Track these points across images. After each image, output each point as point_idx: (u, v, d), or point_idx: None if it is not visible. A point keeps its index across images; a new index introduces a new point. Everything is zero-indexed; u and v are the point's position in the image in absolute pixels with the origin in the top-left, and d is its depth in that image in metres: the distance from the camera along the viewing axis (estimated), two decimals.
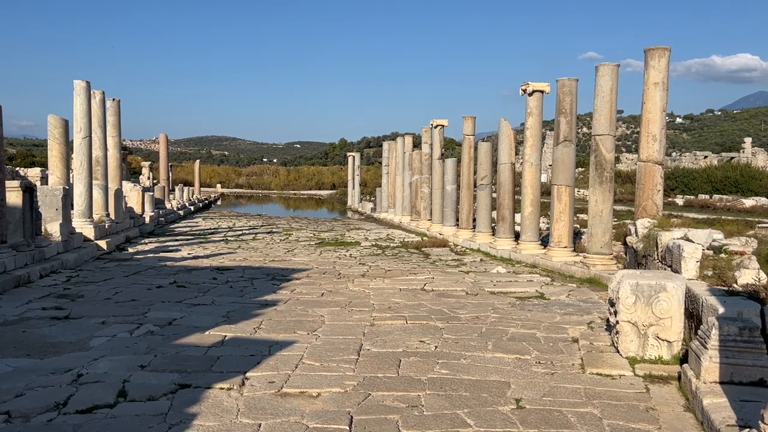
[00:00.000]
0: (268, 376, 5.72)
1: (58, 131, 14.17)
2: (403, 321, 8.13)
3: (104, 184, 18.06)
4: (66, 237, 13.60)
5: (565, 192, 14.57)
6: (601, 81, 12.96)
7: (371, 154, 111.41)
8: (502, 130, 17.68)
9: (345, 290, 10.63)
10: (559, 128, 14.62)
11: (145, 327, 7.67)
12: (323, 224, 28.33)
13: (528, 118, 16.26)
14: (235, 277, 12.12)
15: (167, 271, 12.84)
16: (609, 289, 6.41)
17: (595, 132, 13.07)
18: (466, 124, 20.85)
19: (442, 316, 8.43)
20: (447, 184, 22.34)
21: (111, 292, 10.11)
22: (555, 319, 8.29)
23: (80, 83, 15.86)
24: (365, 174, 61.78)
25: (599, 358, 6.19)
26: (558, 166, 14.62)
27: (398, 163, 30.06)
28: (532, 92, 16.15)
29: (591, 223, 13.10)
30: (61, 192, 13.38)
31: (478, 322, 8.07)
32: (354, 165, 44.10)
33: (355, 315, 8.51)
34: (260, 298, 9.90)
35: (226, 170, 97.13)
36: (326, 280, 11.72)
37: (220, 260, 14.80)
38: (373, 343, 6.96)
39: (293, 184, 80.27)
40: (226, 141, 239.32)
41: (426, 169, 25.39)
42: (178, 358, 6.32)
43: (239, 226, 26.15)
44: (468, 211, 20.72)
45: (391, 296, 10.02)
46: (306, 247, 18.10)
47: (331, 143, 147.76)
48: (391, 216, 30.60)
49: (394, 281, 11.65)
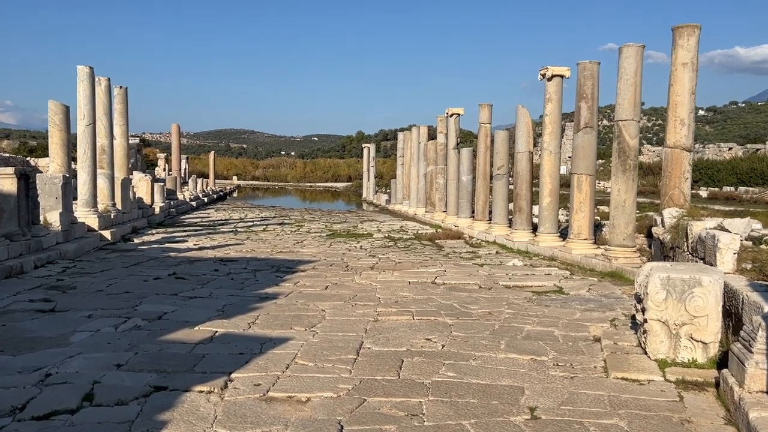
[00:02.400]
0: (255, 378, 5.16)
1: (58, 117, 13.73)
2: (410, 317, 7.53)
3: (110, 173, 17.65)
4: (66, 227, 13.17)
5: (586, 181, 13.84)
6: (624, 63, 12.21)
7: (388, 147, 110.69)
8: (519, 118, 16.96)
9: (351, 283, 10.06)
10: (579, 114, 13.88)
11: (132, 321, 7.16)
12: (336, 216, 27.80)
13: (547, 104, 15.52)
14: (238, 268, 11.60)
15: (169, 262, 12.36)
16: (636, 284, 5.76)
17: (618, 117, 12.33)
18: (483, 112, 20.13)
19: (452, 312, 7.82)
20: (462, 175, 21.66)
21: (105, 283, 9.63)
22: (575, 316, 7.64)
23: (83, 69, 15.41)
24: (381, 166, 61.18)
25: (624, 360, 5.54)
26: (578, 154, 13.89)
27: (413, 154, 29.40)
28: (551, 77, 15.41)
29: (613, 213, 12.38)
30: (60, 180, 12.94)
31: (491, 319, 7.45)
32: (369, 156, 43.50)
33: (358, 310, 7.93)
34: (261, 290, 9.36)
35: (243, 163, 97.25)
36: (332, 273, 11.15)
37: (226, 251, 14.31)
38: (374, 341, 6.37)
39: (309, 177, 79.99)
40: (244, 134, 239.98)
41: (441, 160, 24.71)
42: (160, 356, 5.78)
43: (251, 218, 25.71)
44: (484, 202, 20.03)
45: (399, 290, 9.42)
46: (316, 239, 17.56)
47: (349, 136, 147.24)
48: (406, 208, 29.98)
49: (403, 274, 11.05)
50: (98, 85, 17.49)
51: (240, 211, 29.63)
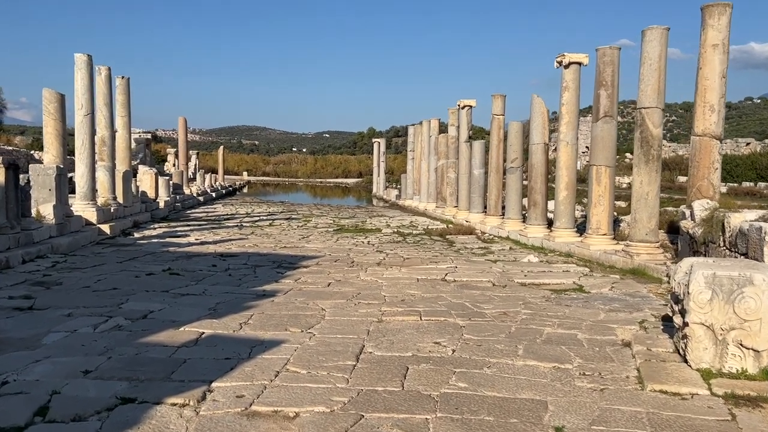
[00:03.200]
0: (238, 388, 4.52)
1: (53, 106, 13.17)
2: (417, 317, 6.86)
3: (110, 166, 17.11)
4: (60, 220, 12.62)
5: (605, 173, 13.11)
6: (648, 47, 11.45)
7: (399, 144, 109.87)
8: (534, 108, 16.22)
9: (355, 280, 9.41)
10: (598, 102, 13.14)
11: (114, 320, 6.55)
12: (345, 211, 27.18)
13: (564, 93, 14.78)
14: (237, 264, 10.99)
15: (166, 257, 11.78)
16: (673, 282, 5.06)
17: (640, 104, 11.59)
18: (496, 103, 19.40)
19: (463, 312, 7.14)
20: (474, 169, 20.95)
21: (94, 279, 9.04)
22: (599, 317, 6.94)
23: (81, 56, 14.86)
24: (392, 162, 60.45)
25: (662, 369, 4.85)
26: (597, 145, 13.16)
27: (423, 148, 28.70)
28: (568, 64, 14.66)
29: (635, 207, 11.65)
30: (54, 171, 12.39)
31: (507, 320, 6.76)
32: (379, 151, 42.83)
33: (361, 309, 7.27)
34: (258, 287, 8.73)
35: (254, 159, 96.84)
36: (336, 269, 10.51)
37: (227, 246, 13.71)
38: (377, 345, 5.71)
39: (320, 173, 79.43)
40: (256, 131, 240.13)
41: (452, 153, 24.00)
42: (136, 361, 5.15)
43: (258, 213, 25.17)
44: (496, 197, 19.32)
45: (406, 287, 8.75)
46: (322, 234, 16.94)
47: (360, 132, 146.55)
48: (416, 203, 29.29)
49: (411, 270, 10.39)
50: (98, 74, 16.95)
51: (247, 206, 29.10)
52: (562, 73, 14.84)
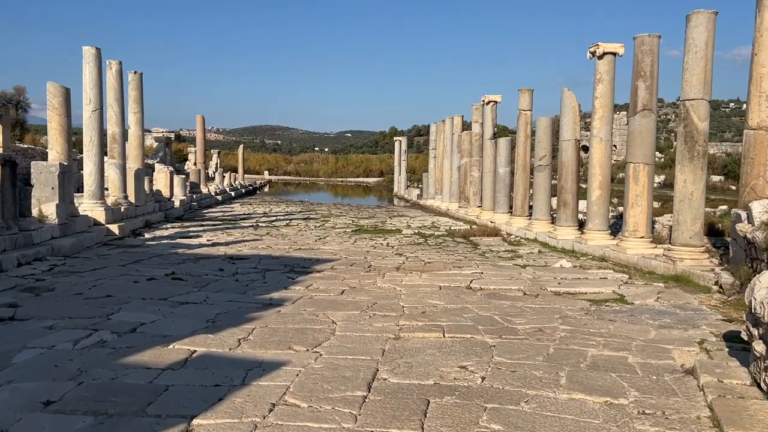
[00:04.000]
0: (223, 428, 3.73)
1: (57, 101, 12.56)
2: (440, 333, 6.03)
3: (121, 163, 16.52)
4: (64, 220, 12.00)
5: (644, 171, 12.14)
6: (693, 33, 10.48)
7: (421, 143, 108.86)
8: (564, 102, 15.27)
9: (371, 287, 8.59)
10: (636, 95, 12.18)
11: (98, 335, 5.81)
12: (365, 211, 26.40)
13: (597, 85, 13.81)
14: (246, 268, 10.25)
15: (173, 259, 11.09)
16: (753, 300, 4.16)
17: (684, 96, 10.62)
18: (523, 98, 18.46)
19: (492, 327, 6.29)
20: (500, 167, 20.01)
21: (89, 285, 8.35)
22: (649, 335, 6.04)
23: (89, 49, 14.25)
24: (414, 161, 59.55)
25: (741, 409, 3.95)
26: (635, 141, 12.19)
27: (446, 146, 27.80)
28: (602, 55, 13.69)
29: (678, 208, 10.68)
30: (56, 168, 11.77)
31: (543, 338, 5.90)
32: (400, 150, 41.98)
33: (376, 322, 6.46)
34: (265, 295, 7.97)
35: (276, 158, 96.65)
36: (352, 274, 9.71)
37: (239, 248, 13.00)
38: (392, 369, 4.90)
39: (341, 172, 78.83)
40: (279, 130, 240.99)
41: (476, 151, 23.08)
42: (110, 388, 4.40)
43: (275, 212, 24.50)
44: (523, 196, 18.37)
45: (427, 296, 7.92)
46: (340, 235, 16.17)
47: (381, 131, 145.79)
48: (438, 203, 28.41)
49: (433, 276, 9.55)
50: (109, 69, 16.37)
51: (266, 206, 28.47)
52: (595, 64, 13.88)
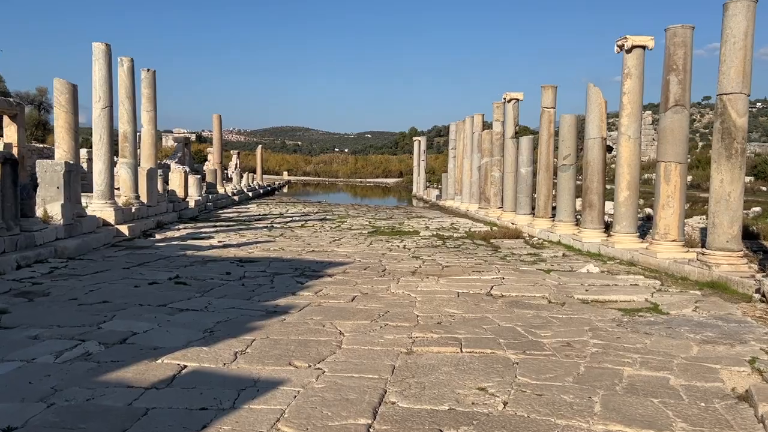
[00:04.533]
0: None
1: (64, 98, 12.21)
2: (457, 348, 5.46)
3: (133, 163, 16.17)
4: (69, 220, 11.62)
5: (675, 171, 11.46)
6: (731, 23, 9.78)
7: (441, 143, 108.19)
8: (590, 98, 14.60)
9: (385, 293, 8.05)
10: (668, 90, 11.49)
11: (84, 346, 5.35)
12: (382, 212, 25.87)
13: (625, 80, 13.12)
14: (255, 271, 9.77)
15: (180, 262, 10.65)
16: None
17: (721, 90, 9.91)
18: (546, 95, 17.78)
19: (515, 341, 5.71)
20: (521, 167, 19.34)
21: (87, 289, 7.91)
22: (691, 351, 5.42)
23: (99, 45, 13.91)
24: (433, 162, 58.91)
25: None
26: (666, 138, 11.50)
27: (466, 145, 27.15)
28: (631, 48, 13.00)
29: (714, 209, 9.98)
30: (62, 167, 11.40)
31: (572, 354, 5.30)
32: (419, 150, 41.38)
33: (387, 334, 5.91)
34: (271, 302, 7.46)
35: (296, 158, 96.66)
36: (365, 279, 9.17)
37: (250, 250, 12.55)
38: (402, 391, 4.35)
39: (360, 172, 78.49)
40: (300, 131, 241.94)
41: (497, 150, 22.43)
42: (83, 411, 3.91)
43: (291, 213, 24.08)
44: (546, 197, 17.70)
45: (444, 304, 7.35)
46: (355, 237, 15.65)
47: (401, 132, 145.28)
48: (458, 203, 27.78)
49: (451, 282, 8.98)
50: (120, 66, 16.04)
51: (282, 206, 28.08)
52: (623, 58, 13.19)
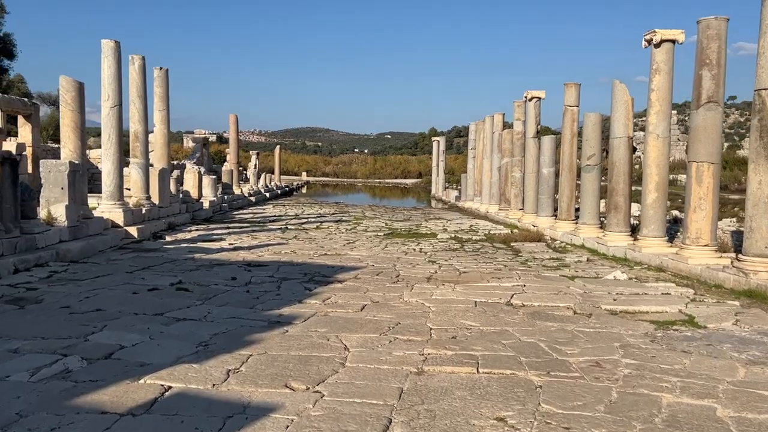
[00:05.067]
0: None
1: (70, 96, 11.87)
2: (472, 367, 4.92)
3: (144, 163, 15.84)
4: (74, 222, 11.28)
5: (708, 171, 10.79)
6: None
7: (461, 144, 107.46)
8: (616, 96, 13.94)
9: (397, 302, 7.52)
10: (700, 86, 10.82)
11: (64, 362, 4.90)
12: (400, 213, 25.35)
13: (654, 76, 12.45)
14: (262, 276, 9.31)
15: (186, 266, 10.23)
16: None
17: (760, 85, 9.26)
18: (569, 93, 17.13)
19: (538, 359, 5.16)
20: (543, 167, 18.70)
21: (82, 296, 7.50)
22: (737, 374, 4.82)
23: (108, 43, 13.57)
24: (453, 162, 58.27)
25: None
26: (698, 137, 10.84)
27: (486, 146, 26.53)
28: (659, 43, 12.34)
29: (751, 213, 9.32)
30: (66, 167, 11.05)
31: (602, 376, 4.74)
32: (438, 150, 40.81)
33: (397, 350, 5.39)
34: (275, 311, 6.98)
35: (315, 159, 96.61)
36: (377, 285, 8.66)
37: (261, 253, 12.11)
38: (409, 421, 3.82)
39: (379, 173, 78.11)
40: (319, 132, 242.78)
41: (518, 150, 21.79)
42: None
43: (307, 214, 23.66)
44: (569, 199, 17.05)
45: (460, 315, 6.81)
46: (370, 239, 15.15)
47: (421, 133, 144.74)
48: (477, 205, 27.16)
49: (468, 289, 8.42)
50: (131, 64, 15.73)
51: (299, 207, 27.70)
52: (651, 53, 12.53)
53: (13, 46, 33.38)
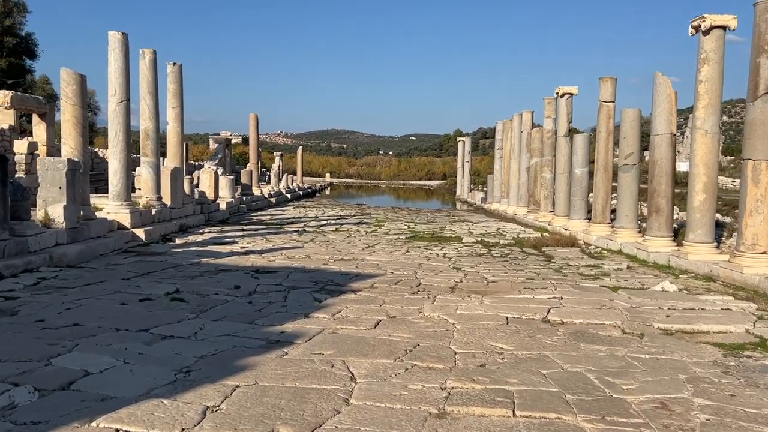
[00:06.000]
0: None
1: (71, 89, 11.14)
2: (507, 408, 3.96)
3: (154, 162, 15.13)
4: (73, 223, 10.55)
5: (766, 171, 9.66)
6: None
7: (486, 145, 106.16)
8: (658, 89, 12.83)
9: (416, 317, 6.58)
10: (758, 75, 9.72)
11: (11, 394, 4.06)
12: (423, 215, 24.39)
13: (702, 66, 11.34)
14: (269, 285, 8.44)
15: (189, 272, 9.42)
16: None
17: None
18: (604, 88, 16.01)
19: (587, 397, 4.18)
20: (576, 167, 17.58)
21: (63, 307, 6.69)
22: None
23: (115, 35, 12.85)
24: (478, 164, 57.06)
25: None
26: (755, 132, 9.73)
27: (513, 145, 25.45)
28: (708, 29, 11.23)
29: None
30: (65, 165, 10.31)
31: (672, 425, 3.74)
32: (464, 151, 39.71)
33: (414, 382, 4.45)
34: (276, 327, 6.10)
35: (339, 161, 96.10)
36: (395, 297, 7.73)
37: (272, 258, 11.28)
38: None
39: (403, 174, 77.23)
40: (345, 134, 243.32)
41: (548, 150, 20.69)
42: None
43: (327, 216, 22.84)
44: (604, 200, 15.92)
45: (489, 335, 5.84)
46: (391, 243, 14.23)
47: (446, 135, 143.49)
48: (504, 207, 26.07)
49: (498, 302, 7.45)
50: (141, 58, 15.03)
51: (320, 209, 26.90)
52: (699, 41, 11.43)
53: (35, 45, 33.19)
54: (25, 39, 32.58)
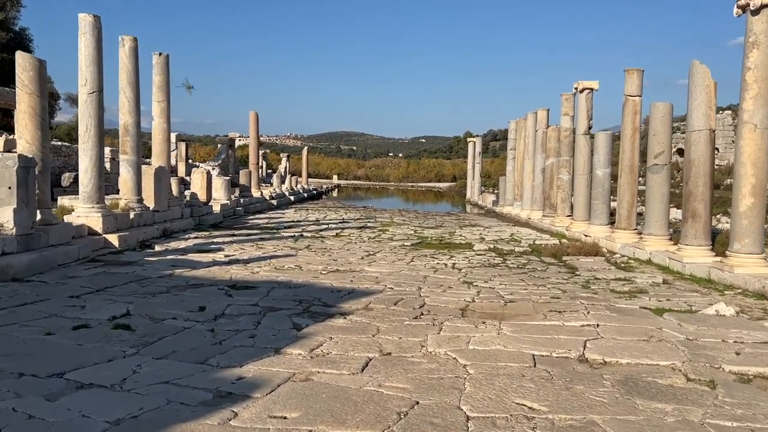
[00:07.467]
0: None
1: (27, 75, 9.77)
2: None
3: (134, 160, 13.76)
4: (26, 229, 9.17)
5: None
6: None
7: (497, 148, 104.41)
8: (695, 80, 11.33)
9: (416, 356, 5.13)
10: None
11: None
12: (431, 219, 22.94)
13: (751, 51, 9.83)
14: (242, 305, 7.02)
15: (153, 287, 8.03)
16: None
17: None
18: (630, 81, 14.51)
19: None
20: (597, 168, 16.08)
21: None
22: None
23: (86, 17, 11.49)
24: (489, 166, 55.51)
25: None
26: None
27: (528, 145, 23.96)
28: (759, 8, 9.72)
29: None
30: (14, 162, 8.93)
31: None
32: (474, 152, 38.24)
33: None
34: (234, 369, 4.68)
35: (348, 163, 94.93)
36: (392, 322, 6.28)
37: (257, 268, 9.90)
38: None
39: (412, 176, 75.86)
40: (354, 136, 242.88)
41: (566, 150, 19.19)
42: None
43: (329, 219, 21.46)
44: (629, 204, 14.41)
45: (512, 385, 4.39)
46: (394, 251, 12.81)
47: (456, 137, 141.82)
48: (517, 210, 24.57)
49: (520, 331, 5.98)
50: (121, 46, 13.69)
51: (323, 212, 25.53)
52: (747, 22, 9.92)
53: (29, 41, 31.96)
54: (19, 34, 31.38)
